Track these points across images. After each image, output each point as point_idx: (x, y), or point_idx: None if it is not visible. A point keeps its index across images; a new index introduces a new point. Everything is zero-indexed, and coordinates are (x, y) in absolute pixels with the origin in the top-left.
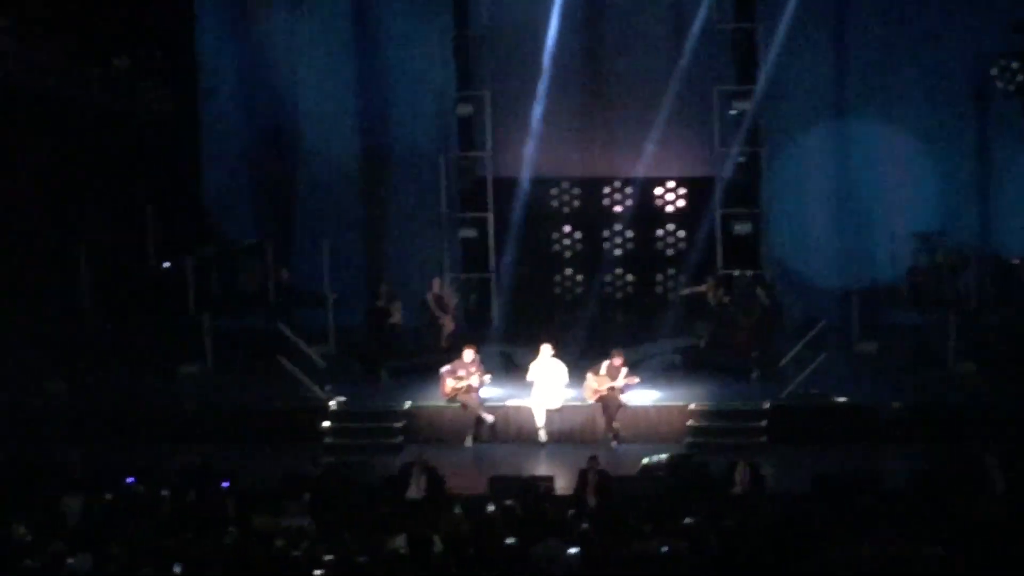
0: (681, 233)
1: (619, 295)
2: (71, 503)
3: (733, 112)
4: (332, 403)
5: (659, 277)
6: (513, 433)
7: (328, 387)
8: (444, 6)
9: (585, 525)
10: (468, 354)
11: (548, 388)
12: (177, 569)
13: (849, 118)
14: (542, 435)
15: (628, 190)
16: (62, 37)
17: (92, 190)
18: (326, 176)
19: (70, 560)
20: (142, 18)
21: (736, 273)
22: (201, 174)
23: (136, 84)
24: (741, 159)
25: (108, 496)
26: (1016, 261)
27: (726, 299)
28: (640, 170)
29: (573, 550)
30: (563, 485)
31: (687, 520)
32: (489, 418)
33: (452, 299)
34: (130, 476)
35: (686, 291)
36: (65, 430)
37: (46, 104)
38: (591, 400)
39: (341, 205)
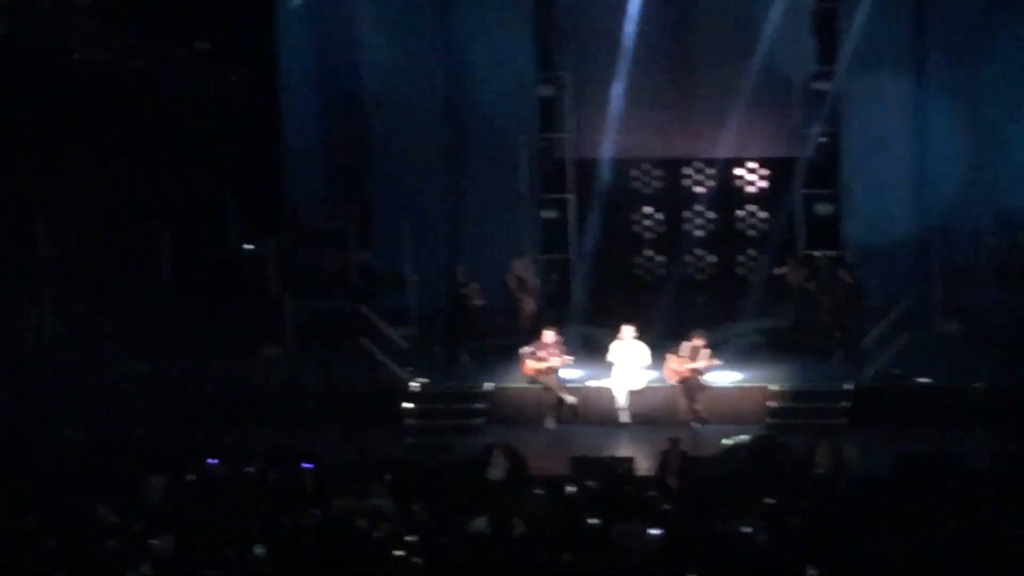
0: (762, 214)
1: (700, 276)
2: (154, 484)
3: (814, 90)
4: (414, 385)
5: (740, 258)
6: (594, 414)
7: (410, 369)
8: None
9: (666, 506)
10: (549, 335)
11: (629, 369)
12: (258, 550)
13: (930, 97)
14: (623, 416)
15: (709, 171)
16: (144, 20)
17: (174, 173)
18: (406, 158)
19: (152, 541)
20: (223, 1)
21: (817, 254)
22: (282, 157)
23: (217, 67)
24: (822, 139)
25: (190, 477)
26: None
27: (808, 280)
28: (721, 151)
29: (655, 531)
30: (644, 466)
31: (767, 500)
32: (570, 399)
33: (533, 280)
34: (212, 457)
35: (777, 271)
36: (148, 411)
37: (128, 87)
38: (672, 381)
39: (422, 187)
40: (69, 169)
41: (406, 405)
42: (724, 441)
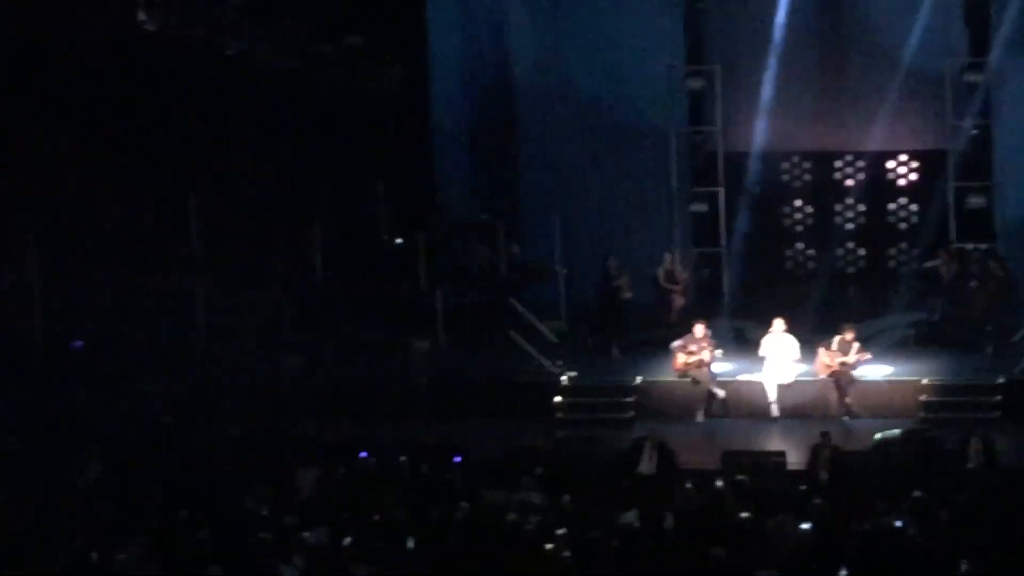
0: (914, 207)
1: (851, 269)
2: (305, 476)
3: (966, 82)
4: (564, 378)
5: (891, 251)
6: (745, 408)
7: (559, 362)
8: None
9: (817, 500)
10: (699, 329)
11: (780, 363)
12: (409, 543)
13: None
14: (774, 410)
15: (860, 163)
16: (295, 16)
17: (326, 167)
18: (555, 151)
19: (304, 533)
20: None
21: (969, 246)
22: (432, 150)
23: (368, 61)
24: (974, 131)
25: (342, 470)
26: None
27: (960, 274)
28: (872, 143)
29: (805, 525)
30: (795, 460)
31: (916, 494)
32: (720, 393)
33: (684, 274)
34: (363, 450)
35: (929, 264)
36: (300, 404)
37: (280, 81)
38: (823, 375)
39: (571, 180)
40: (222, 163)
41: (556, 399)
42: (875, 435)
